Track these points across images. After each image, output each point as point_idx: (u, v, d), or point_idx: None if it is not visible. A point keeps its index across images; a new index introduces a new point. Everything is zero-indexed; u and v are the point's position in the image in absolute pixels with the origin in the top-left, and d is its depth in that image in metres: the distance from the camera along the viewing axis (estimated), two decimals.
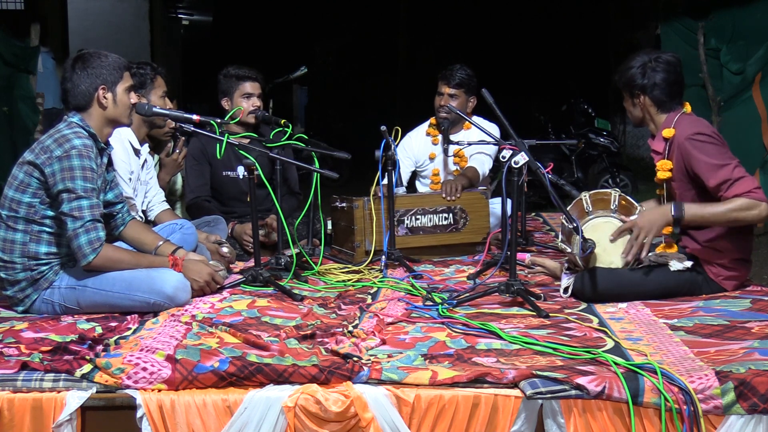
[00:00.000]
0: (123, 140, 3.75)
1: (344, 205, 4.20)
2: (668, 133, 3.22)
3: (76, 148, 2.97)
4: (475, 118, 4.40)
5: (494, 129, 4.30)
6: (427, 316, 3.03)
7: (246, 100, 4.36)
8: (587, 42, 14.36)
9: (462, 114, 4.14)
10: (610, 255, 3.26)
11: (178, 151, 4.28)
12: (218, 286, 3.32)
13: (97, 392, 2.33)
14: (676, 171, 3.22)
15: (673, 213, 3.11)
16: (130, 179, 3.78)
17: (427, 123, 4.79)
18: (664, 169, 3.25)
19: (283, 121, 4.10)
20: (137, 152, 3.86)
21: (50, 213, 3.03)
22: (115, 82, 3.12)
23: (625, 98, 3.39)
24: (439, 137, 4.66)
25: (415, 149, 4.75)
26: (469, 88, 4.58)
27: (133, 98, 3.20)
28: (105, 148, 3.19)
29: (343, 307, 3.20)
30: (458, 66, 4.59)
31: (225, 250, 3.82)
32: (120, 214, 3.31)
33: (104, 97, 3.10)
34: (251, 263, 3.68)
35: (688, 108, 3.29)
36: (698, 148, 3.11)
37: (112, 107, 3.12)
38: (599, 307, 3.13)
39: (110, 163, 3.28)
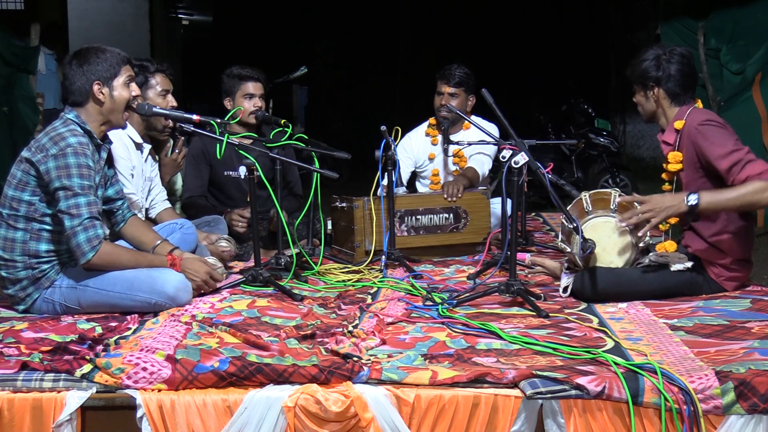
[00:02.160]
0: (122, 136, 3.73)
1: (344, 205, 4.19)
2: (679, 124, 3.23)
3: (72, 146, 2.96)
4: (474, 118, 4.40)
5: (493, 129, 4.31)
6: (427, 316, 3.04)
7: (248, 100, 4.36)
8: (587, 42, 14.35)
9: (462, 114, 4.14)
10: (610, 255, 3.26)
11: (177, 151, 4.27)
12: (217, 285, 3.32)
13: (97, 392, 2.33)
14: (686, 161, 3.22)
15: (688, 200, 3.05)
16: (132, 175, 3.77)
17: (426, 123, 4.79)
18: (675, 160, 3.25)
19: (283, 121, 4.10)
20: (139, 146, 3.84)
21: (50, 211, 3.02)
22: (111, 77, 3.10)
23: (637, 91, 3.38)
24: (439, 137, 4.66)
25: (415, 150, 4.75)
26: (468, 86, 4.58)
27: (135, 90, 3.17)
28: (102, 144, 3.17)
29: (343, 307, 3.20)
30: (456, 65, 4.59)
31: (224, 243, 3.82)
32: (120, 211, 3.31)
33: (100, 92, 3.08)
34: (251, 263, 3.68)
35: (699, 104, 3.31)
36: (710, 132, 3.11)
37: (108, 102, 3.10)
38: (599, 307, 3.13)
39: (110, 158, 3.28)
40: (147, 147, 3.93)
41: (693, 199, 3.05)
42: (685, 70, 3.27)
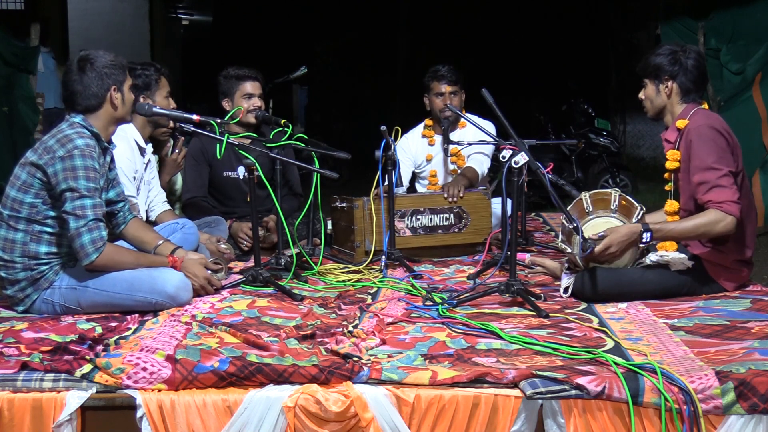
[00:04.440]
0: (129, 139, 3.75)
1: (344, 205, 4.19)
2: (682, 123, 3.24)
3: (79, 147, 2.98)
4: (470, 116, 4.40)
5: (490, 126, 4.30)
6: (427, 316, 3.03)
7: (247, 100, 4.36)
8: (587, 42, 14.35)
9: (460, 113, 4.15)
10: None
11: (177, 151, 4.27)
12: (215, 289, 3.33)
13: (97, 392, 2.33)
14: (682, 161, 3.23)
15: (643, 237, 3.13)
16: (134, 178, 3.78)
17: (422, 125, 4.81)
18: (673, 159, 3.26)
19: (283, 121, 4.11)
20: (142, 151, 3.86)
21: (52, 213, 3.03)
22: (123, 81, 3.16)
23: (646, 86, 3.36)
24: (435, 138, 4.68)
25: (413, 150, 4.76)
26: (462, 83, 4.63)
27: (132, 95, 3.25)
28: (108, 147, 3.20)
29: (343, 307, 3.20)
30: (445, 65, 4.63)
31: (223, 246, 3.84)
32: (121, 213, 3.31)
33: (115, 97, 3.13)
34: (251, 263, 3.68)
35: (705, 105, 3.32)
36: (702, 140, 3.12)
37: (121, 106, 3.16)
38: (599, 307, 3.13)
39: (112, 161, 3.29)
40: (149, 151, 3.94)
41: (646, 237, 3.14)
42: (701, 67, 3.30)
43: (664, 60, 3.28)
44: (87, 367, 2.37)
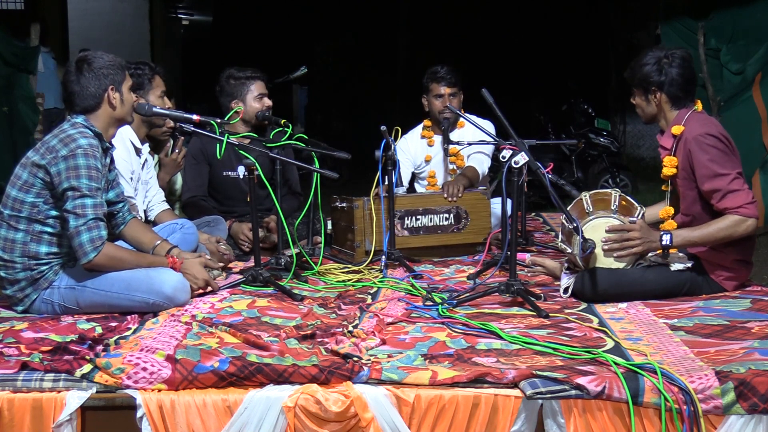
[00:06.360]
0: (124, 139, 3.75)
1: (344, 205, 4.19)
2: (677, 130, 3.23)
3: (82, 147, 2.98)
4: (469, 116, 4.40)
5: (489, 125, 4.30)
6: (427, 316, 3.03)
7: (259, 100, 4.36)
8: (587, 42, 14.35)
9: (459, 113, 4.15)
10: (611, 255, 3.26)
11: (177, 151, 4.27)
12: (209, 290, 3.33)
13: (97, 392, 2.33)
14: (681, 169, 3.23)
15: (662, 240, 3.15)
16: (131, 178, 3.78)
17: (421, 126, 4.81)
18: (670, 165, 3.25)
19: (283, 121, 4.11)
20: (138, 151, 3.87)
21: (53, 213, 3.03)
22: (121, 81, 3.17)
23: (637, 95, 3.36)
24: (434, 138, 4.68)
25: (412, 151, 4.76)
26: (462, 84, 4.62)
27: (133, 95, 3.25)
28: (109, 147, 3.21)
29: (343, 307, 3.20)
30: (444, 66, 4.63)
31: (223, 247, 3.84)
32: (121, 213, 3.32)
33: (113, 97, 3.13)
34: (251, 263, 3.68)
35: (699, 106, 3.30)
36: (703, 149, 3.11)
37: (120, 107, 3.16)
38: (599, 307, 3.13)
39: (112, 162, 3.30)
40: (145, 151, 3.94)
41: (666, 240, 3.14)
42: (687, 73, 3.27)
43: (649, 70, 3.26)
44: (87, 367, 2.37)
